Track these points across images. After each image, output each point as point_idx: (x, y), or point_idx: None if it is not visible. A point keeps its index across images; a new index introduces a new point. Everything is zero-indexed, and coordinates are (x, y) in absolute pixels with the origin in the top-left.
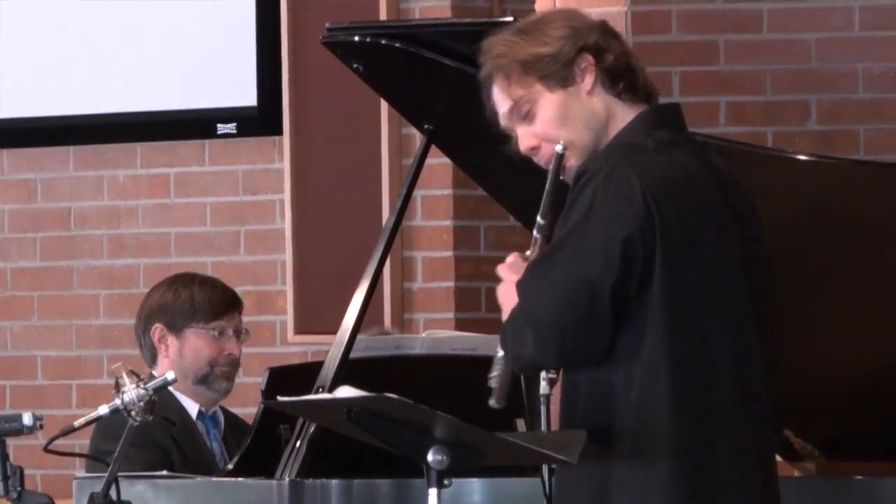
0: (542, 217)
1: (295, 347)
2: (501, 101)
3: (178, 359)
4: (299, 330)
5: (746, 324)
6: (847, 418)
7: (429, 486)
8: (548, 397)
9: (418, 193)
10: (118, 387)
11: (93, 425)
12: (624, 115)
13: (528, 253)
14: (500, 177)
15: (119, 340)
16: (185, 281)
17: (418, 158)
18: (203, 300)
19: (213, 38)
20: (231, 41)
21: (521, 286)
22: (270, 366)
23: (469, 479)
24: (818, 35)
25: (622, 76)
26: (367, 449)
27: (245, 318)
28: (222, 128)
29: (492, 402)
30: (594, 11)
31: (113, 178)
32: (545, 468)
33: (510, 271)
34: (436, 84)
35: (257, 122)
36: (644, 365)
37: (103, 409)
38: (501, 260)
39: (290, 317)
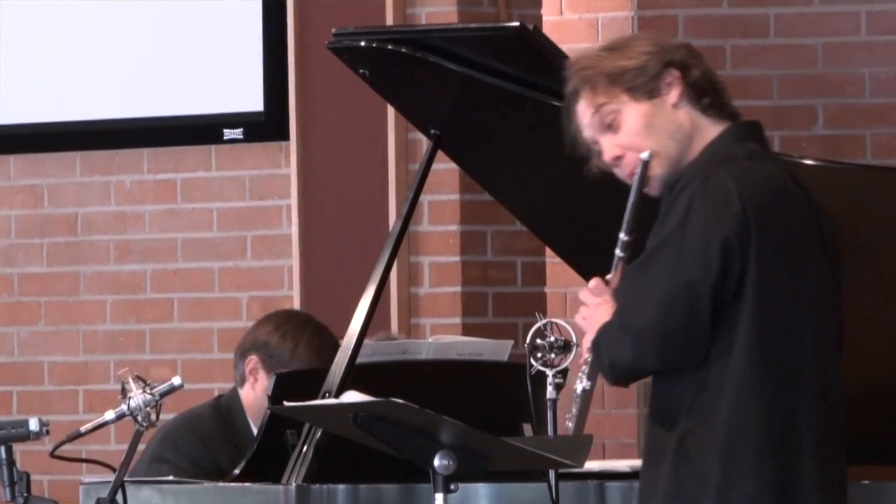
0: (627, 233)
1: None
2: (588, 113)
3: (262, 397)
4: None
5: (831, 331)
6: (854, 422)
7: (435, 491)
8: (555, 402)
9: (425, 198)
10: (124, 392)
11: (106, 435)
12: (709, 130)
13: (608, 276)
14: (507, 181)
15: (126, 346)
16: (299, 327)
17: (425, 163)
18: (306, 354)
19: (220, 43)
20: (238, 46)
21: (618, 293)
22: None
23: (475, 483)
24: (825, 40)
25: (707, 92)
26: (373, 454)
27: (251, 324)
28: (229, 133)
29: (569, 425)
30: (602, 17)
31: (120, 183)
32: (552, 473)
33: (593, 295)
34: (442, 89)
35: (264, 127)
36: (735, 367)
37: (110, 415)
38: (509, 264)
39: None
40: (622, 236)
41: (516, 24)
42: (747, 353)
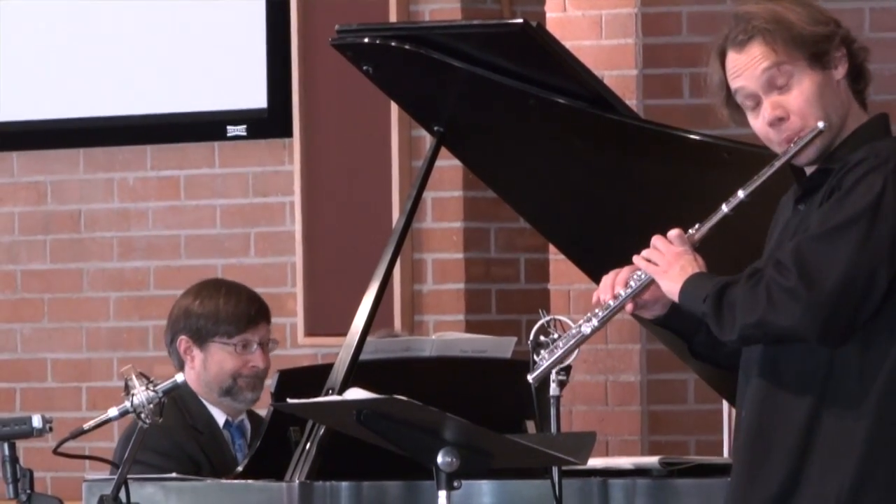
0: (747, 195)
1: (305, 350)
2: (758, 61)
3: (202, 371)
4: (309, 332)
5: None
6: None
7: (438, 488)
8: (558, 399)
9: (428, 195)
10: (128, 389)
11: (109, 431)
12: (857, 113)
13: (691, 231)
14: (510, 178)
15: (129, 343)
16: (212, 290)
17: (428, 160)
18: (227, 313)
19: (224, 40)
20: (241, 43)
21: (796, 257)
22: (280, 368)
23: (479, 480)
24: None
25: (862, 77)
26: (376, 451)
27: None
28: (232, 130)
29: (529, 377)
30: (605, 13)
31: (123, 180)
32: (555, 470)
33: (672, 243)
34: (445, 86)
35: (267, 124)
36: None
37: (113, 412)
38: (512, 261)
39: (299, 319)
40: (741, 194)
41: (520, 20)
42: None
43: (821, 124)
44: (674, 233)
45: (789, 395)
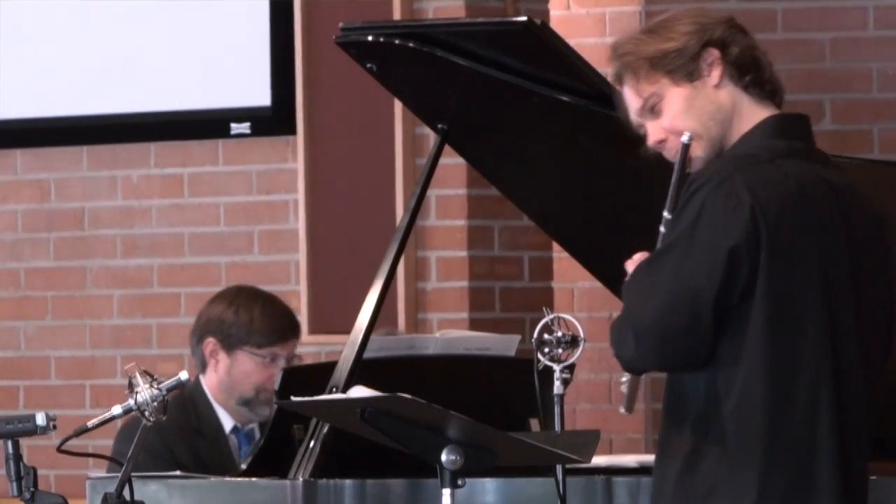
0: (669, 212)
1: (308, 347)
2: (632, 99)
3: (226, 377)
4: (313, 330)
5: (848, 335)
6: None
7: (442, 486)
8: (562, 397)
9: (432, 193)
10: (131, 387)
11: (112, 429)
12: (750, 110)
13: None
14: (514, 176)
15: (132, 340)
16: (249, 299)
17: (432, 158)
18: (261, 325)
19: (227, 37)
20: (245, 41)
21: (626, 287)
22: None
23: (482, 479)
24: (832, 35)
25: (748, 69)
26: (380, 449)
27: None
28: (236, 127)
29: (621, 410)
30: (609, 11)
31: (126, 177)
32: (559, 468)
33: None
34: (449, 84)
35: (271, 121)
36: (743, 372)
37: (117, 410)
38: (516, 259)
39: (303, 317)
40: (665, 214)
41: (524, 18)
42: (753, 359)
43: (684, 138)
44: (638, 256)
45: (679, 420)
